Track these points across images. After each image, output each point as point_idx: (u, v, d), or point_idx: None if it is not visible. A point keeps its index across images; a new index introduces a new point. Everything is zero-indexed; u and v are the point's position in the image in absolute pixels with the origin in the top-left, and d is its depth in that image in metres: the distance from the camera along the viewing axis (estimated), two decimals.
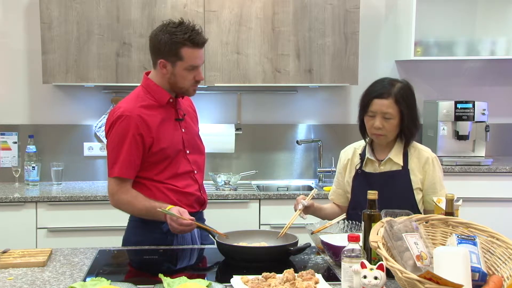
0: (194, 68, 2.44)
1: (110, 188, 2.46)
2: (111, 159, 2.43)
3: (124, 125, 2.39)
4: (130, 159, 2.41)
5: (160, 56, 2.43)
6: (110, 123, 2.44)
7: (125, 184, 2.43)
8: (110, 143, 2.44)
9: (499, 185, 4.01)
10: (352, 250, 1.81)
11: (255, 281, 1.90)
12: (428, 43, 4.29)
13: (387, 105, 2.41)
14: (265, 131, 4.34)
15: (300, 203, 2.51)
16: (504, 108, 4.54)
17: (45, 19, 3.77)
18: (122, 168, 2.41)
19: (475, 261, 1.77)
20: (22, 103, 4.17)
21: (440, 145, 4.18)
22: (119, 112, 2.41)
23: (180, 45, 2.39)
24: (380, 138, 2.47)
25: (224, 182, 3.97)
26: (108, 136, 2.45)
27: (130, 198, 2.43)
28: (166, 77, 2.46)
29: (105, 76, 3.83)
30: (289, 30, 3.92)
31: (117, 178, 2.42)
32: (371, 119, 2.45)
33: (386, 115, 2.41)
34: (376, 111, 2.43)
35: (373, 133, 2.46)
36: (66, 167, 4.08)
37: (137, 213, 2.48)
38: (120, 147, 2.40)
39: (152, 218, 2.43)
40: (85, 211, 3.67)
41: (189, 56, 2.41)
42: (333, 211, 2.67)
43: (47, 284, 1.95)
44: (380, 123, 2.42)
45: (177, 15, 3.75)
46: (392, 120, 2.42)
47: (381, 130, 2.43)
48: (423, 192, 2.49)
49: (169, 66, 2.43)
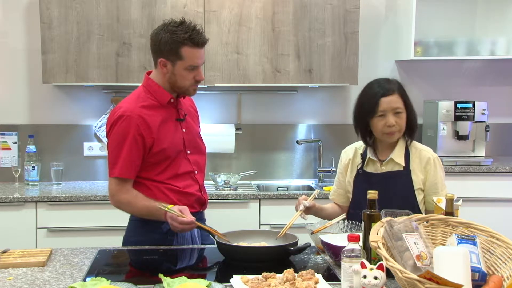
0: (194, 68, 2.44)
1: (110, 188, 2.46)
2: (111, 159, 2.43)
3: (124, 125, 2.39)
4: (131, 159, 2.41)
5: (161, 55, 2.43)
6: (111, 123, 2.44)
7: (125, 184, 2.43)
8: (111, 143, 2.44)
9: (499, 185, 4.01)
10: (352, 250, 1.81)
11: (255, 281, 1.90)
12: (428, 43, 4.29)
13: (395, 100, 2.44)
14: (265, 131, 4.34)
15: (301, 203, 2.51)
16: (504, 108, 4.54)
17: (45, 19, 3.77)
18: (122, 168, 2.41)
19: (475, 261, 1.77)
20: (22, 103, 4.17)
21: (440, 145, 4.18)
22: (120, 112, 2.41)
23: (181, 44, 2.39)
24: (394, 135, 2.47)
25: (224, 182, 3.97)
26: (109, 136, 2.45)
27: (130, 198, 2.43)
28: (166, 76, 2.46)
29: (105, 76, 3.83)
30: (289, 30, 3.93)
31: (117, 178, 2.42)
32: (381, 119, 2.44)
33: (397, 110, 2.43)
34: (386, 109, 2.43)
35: (386, 132, 2.45)
36: (66, 167, 4.08)
37: (138, 213, 2.48)
38: (120, 147, 2.40)
39: (152, 218, 2.43)
40: (85, 211, 3.67)
41: (189, 56, 2.41)
42: (334, 211, 2.67)
43: (47, 284, 1.95)
44: (393, 120, 2.43)
45: (177, 15, 3.74)
46: (402, 114, 2.45)
47: (395, 127, 2.44)
48: (425, 193, 2.50)
49: (169, 65, 2.43)
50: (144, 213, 2.44)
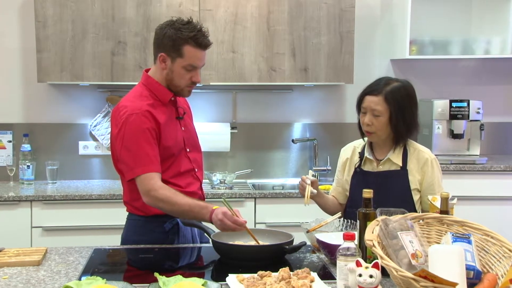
0: (193, 69, 2.43)
1: (144, 185, 2.34)
2: (133, 158, 2.35)
3: (138, 122, 2.35)
4: (155, 154, 2.36)
5: (162, 50, 2.42)
6: (120, 124, 2.37)
7: (157, 179, 2.35)
8: (127, 142, 2.36)
9: (493, 184, 4.02)
10: (347, 249, 1.81)
11: (250, 279, 1.90)
12: (423, 42, 4.30)
13: (376, 101, 2.43)
14: (260, 130, 4.34)
15: (307, 179, 2.50)
16: (499, 106, 4.55)
17: (40, 18, 3.76)
18: (154, 163, 2.35)
19: (469, 259, 1.77)
20: (17, 102, 4.15)
21: (435, 144, 4.19)
22: (129, 111, 2.37)
23: (184, 42, 2.37)
24: (371, 136, 2.49)
25: (220, 181, 3.97)
26: (120, 136, 2.37)
27: (170, 194, 2.34)
28: (164, 72, 2.44)
29: (100, 75, 3.82)
30: (284, 29, 3.93)
31: (150, 174, 2.33)
32: (363, 116, 2.48)
33: (375, 112, 2.44)
34: (366, 108, 2.46)
35: (365, 130, 2.49)
36: (61, 166, 4.07)
37: (177, 210, 2.37)
38: (140, 144, 2.34)
39: (189, 217, 2.37)
40: (80, 210, 3.66)
41: (190, 55, 2.40)
42: (334, 204, 2.69)
43: (42, 283, 1.95)
44: (369, 120, 2.45)
45: (172, 14, 3.75)
46: (380, 117, 2.43)
47: (370, 127, 2.45)
48: (421, 193, 2.50)
49: (168, 61, 2.42)
50: (184, 209, 2.35)
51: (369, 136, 2.50)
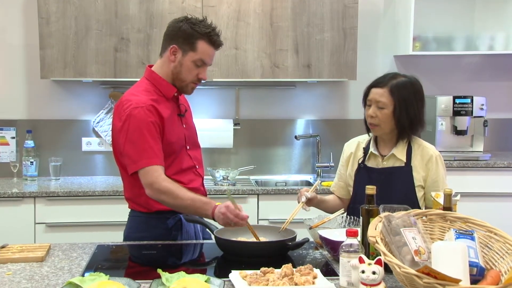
0: (202, 64, 2.44)
1: (147, 178, 2.33)
2: (137, 151, 2.34)
3: (142, 115, 2.35)
4: (159, 148, 2.36)
5: (175, 42, 2.42)
6: (124, 117, 2.36)
7: (161, 172, 2.35)
8: (131, 135, 2.35)
9: (497, 180, 4.01)
10: (350, 245, 1.81)
11: (253, 276, 1.90)
12: (427, 38, 4.28)
13: (380, 93, 2.44)
14: (263, 126, 4.34)
15: (303, 195, 2.51)
16: (503, 103, 4.54)
17: (43, 14, 3.76)
18: (158, 156, 2.35)
19: (473, 255, 1.77)
20: (20, 98, 4.16)
21: (439, 140, 4.18)
22: (133, 104, 2.36)
23: (199, 36, 2.40)
24: (375, 128, 2.48)
25: (223, 177, 3.97)
26: (123, 130, 2.36)
27: (172, 187, 2.33)
28: (172, 65, 2.44)
29: (103, 71, 3.83)
30: (287, 25, 3.92)
31: (153, 166, 2.33)
32: (368, 108, 2.49)
33: (379, 104, 2.44)
34: (371, 100, 2.47)
35: (369, 123, 2.49)
36: (64, 162, 4.08)
37: (180, 204, 2.35)
38: (145, 137, 2.34)
39: (192, 212, 2.37)
40: (83, 206, 3.67)
41: (202, 51, 2.41)
42: (335, 203, 2.68)
43: (45, 279, 1.95)
44: (373, 112, 2.45)
45: (175, 10, 3.76)
46: (385, 110, 2.43)
47: (374, 119, 2.45)
48: (425, 190, 2.49)
49: (179, 54, 2.42)
50: (187, 204, 2.34)
51: (373, 129, 2.50)
